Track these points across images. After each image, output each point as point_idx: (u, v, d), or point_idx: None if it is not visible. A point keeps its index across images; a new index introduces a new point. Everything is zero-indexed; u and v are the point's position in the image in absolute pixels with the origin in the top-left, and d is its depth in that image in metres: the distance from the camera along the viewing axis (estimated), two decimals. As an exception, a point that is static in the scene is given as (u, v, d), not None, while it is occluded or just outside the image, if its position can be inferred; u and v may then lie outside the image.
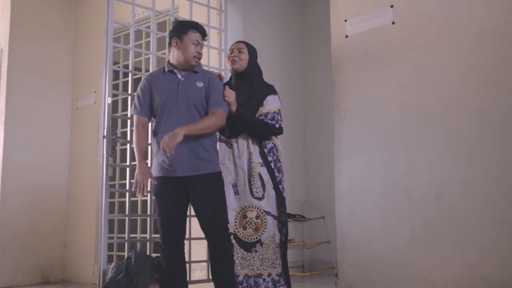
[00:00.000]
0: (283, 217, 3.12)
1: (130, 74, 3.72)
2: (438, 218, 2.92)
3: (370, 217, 3.21)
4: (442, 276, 2.87)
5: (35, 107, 5.55)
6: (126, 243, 3.48)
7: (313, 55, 5.66)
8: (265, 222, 3.03)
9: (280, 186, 3.12)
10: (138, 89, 3.10)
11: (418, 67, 3.11)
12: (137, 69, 4.45)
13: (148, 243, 3.66)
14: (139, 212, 4.62)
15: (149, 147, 3.34)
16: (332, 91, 3.49)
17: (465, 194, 2.84)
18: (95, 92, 5.54)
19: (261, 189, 3.07)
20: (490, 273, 2.70)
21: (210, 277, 3.72)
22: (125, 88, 5.06)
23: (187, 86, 3.01)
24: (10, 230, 5.21)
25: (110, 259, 4.72)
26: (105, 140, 3.32)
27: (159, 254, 3.11)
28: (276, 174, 3.13)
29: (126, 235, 3.53)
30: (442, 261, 2.88)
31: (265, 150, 3.12)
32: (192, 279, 3.66)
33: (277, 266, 3.04)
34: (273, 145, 3.16)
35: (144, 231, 4.77)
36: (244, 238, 3.04)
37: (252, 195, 3.06)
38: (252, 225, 3.02)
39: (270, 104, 3.14)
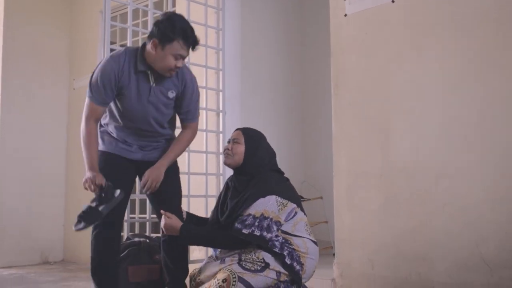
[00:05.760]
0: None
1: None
2: (437, 199, 2.92)
3: (368, 197, 3.21)
4: (440, 256, 2.89)
5: (32, 89, 5.52)
6: (125, 223, 3.49)
7: (312, 34, 5.62)
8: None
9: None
10: (101, 77, 2.61)
11: (418, 47, 3.08)
12: (134, 48, 4.40)
13: (147, 223, 3.67)
14: (137, 193, 4.62)
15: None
16: (331, 71, 3.46)
17: (464, 176, 2.84)
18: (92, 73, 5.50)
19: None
20: (489, 254, 2.71)
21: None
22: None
23: (158, 95, 2.69)
24: (9, 212, 5.23)
25: (109, 239, 4.73)
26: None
27: (158, 235, 3.12)
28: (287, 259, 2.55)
29: (125, 215, 3.52)
30: (441, 242, 2.89)
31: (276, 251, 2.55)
32: (191, 258, 3.68)
33: None
34: (283, 240, 2.58)
35: (143, 211, 4.78)
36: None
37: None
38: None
39: (257, 207, 2.54)
